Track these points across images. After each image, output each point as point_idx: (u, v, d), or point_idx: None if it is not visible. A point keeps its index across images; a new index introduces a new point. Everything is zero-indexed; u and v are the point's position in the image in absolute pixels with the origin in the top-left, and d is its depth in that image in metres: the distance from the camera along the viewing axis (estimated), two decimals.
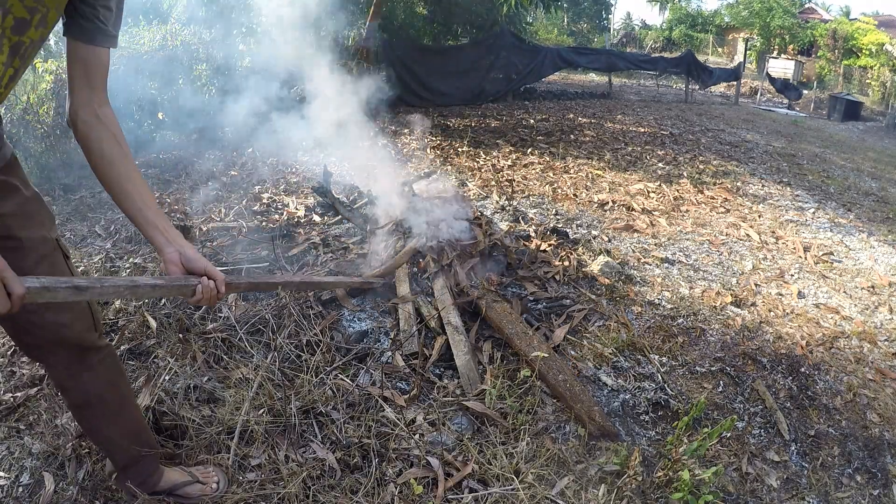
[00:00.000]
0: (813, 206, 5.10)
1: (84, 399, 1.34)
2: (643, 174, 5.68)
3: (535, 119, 8.88)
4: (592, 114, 10.08)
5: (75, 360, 1.29)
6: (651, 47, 29.92)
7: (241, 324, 2.29)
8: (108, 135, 1.13)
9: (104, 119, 1.13)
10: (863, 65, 21.07)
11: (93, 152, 1.13)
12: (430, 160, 5.72)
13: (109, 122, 1.14)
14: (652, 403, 2.15)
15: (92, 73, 1.12)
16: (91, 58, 1.11)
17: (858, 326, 2.89)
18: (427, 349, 2.32)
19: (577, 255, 3.35)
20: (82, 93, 1.12)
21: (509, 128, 7.93)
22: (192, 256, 1.18)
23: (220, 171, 4.90)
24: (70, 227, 3.51)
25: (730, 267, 3.51)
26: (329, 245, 3.23)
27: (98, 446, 1.59)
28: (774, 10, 25.03)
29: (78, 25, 1.08)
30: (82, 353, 1.30)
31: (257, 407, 1.88)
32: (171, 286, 1.14)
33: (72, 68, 1.11)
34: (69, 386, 1.32)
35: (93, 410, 1.37)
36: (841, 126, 13.26)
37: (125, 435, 1.45)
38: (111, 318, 2.42)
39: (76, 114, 1.12)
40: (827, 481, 1.89)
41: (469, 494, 1.64)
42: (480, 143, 6.75)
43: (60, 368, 1.30)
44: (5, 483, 1.63)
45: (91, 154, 1.13)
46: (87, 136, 1.12)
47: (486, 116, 8.90)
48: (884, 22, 24.81)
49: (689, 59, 13.85)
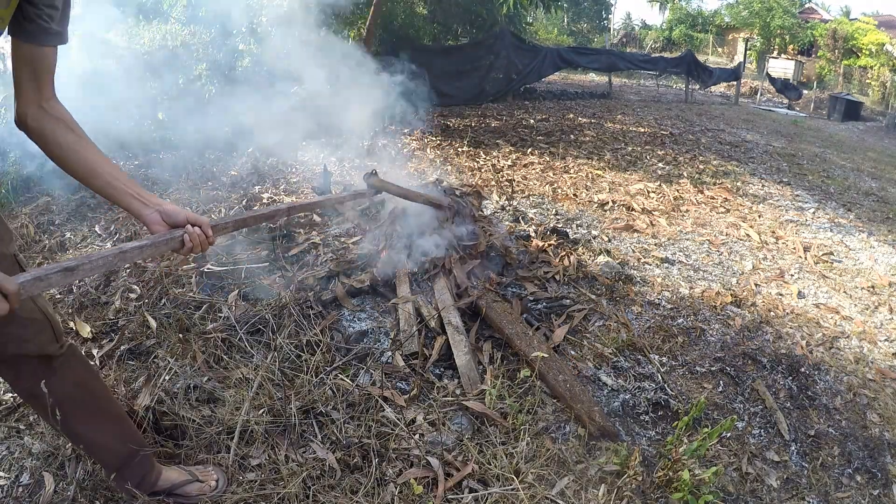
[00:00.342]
0: (813, 206, 5.10)
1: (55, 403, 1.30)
2: (643, 174, 5.68)
3: (535, 119, 8.87)
4: (592, 114, 10.08)
5: (39, 368, 1.27)
6: (651, 47, 29.92)
7: (241, 324, 2.29)
8: (61, 124, 1.13)
9: (53, 111, 1.13)
10: (863, 65, 21.06)
11: (50, 143, 1.12)
12: (430, 160, 5.72)
13: (59, 112, 1.14)
14: (652, 403, 2.15)
15: (38, 71, 1.10)
16: (37, 57, 1.09)
17: (858, 326, 2.89)
18: (427, 349, 2.32)
19: (577, 255, 3.35)
20: (28, 92, 1.10)
21: (509, 128, 7.92)
22: (172, 210, 1.18)
23: (220, 170, 4.90)
24: (70, 227, 3.51)
25: (730, 267, 3.51)
26: (329, 245, 3.23)
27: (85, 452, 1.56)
28: (774, 10, 25.03)
29: (21, 25, 1.06)
30: (46, 361, 1.28)
31: (257, 407, 1.88)
32: (158, 243, 1.14)
33: (17, 68, 1.09)
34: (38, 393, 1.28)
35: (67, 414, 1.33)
36: (841, 126, 13.26)
37: (107, 435, 1.42)
38: (111, 318, 2.42)
39: (24, 113, 1.11)
40: (827, 481, 1.89)
41: (469, 494, 1.64)
42: (480, 143, 6.75)
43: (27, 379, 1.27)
44: (5, 483, 1.63)
45: (49, 146, 1.13)
46: (40, 131, 1.11)
47: (486, 116, 8.90)
48: (884, 22, 24.81)
49: (689, 59, 13.84)
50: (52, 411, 1.31)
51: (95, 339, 2.30)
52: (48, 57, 1.11)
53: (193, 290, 2.66)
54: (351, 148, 5.25)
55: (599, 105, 11.57)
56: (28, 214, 3.61)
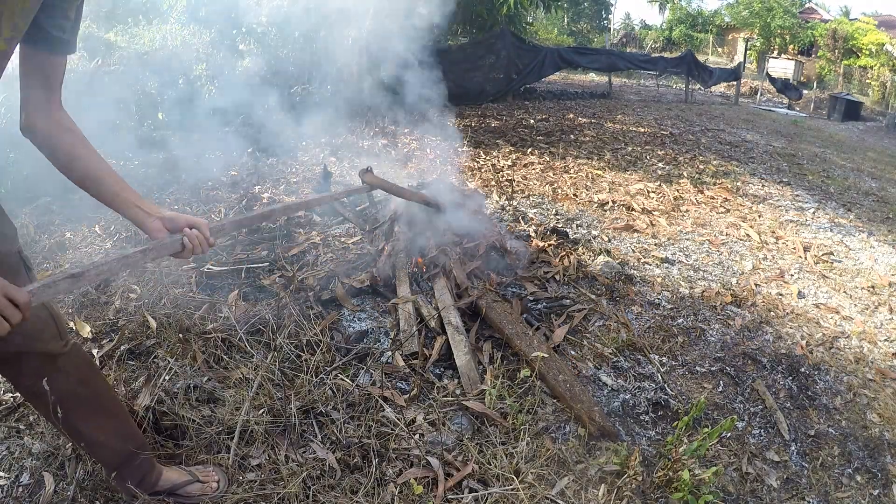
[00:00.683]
0: (813, 206, 5.10)
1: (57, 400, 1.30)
2: (643, 174, 5.68)
3: (535, 119, 8.88)
4: (592, 114, 10.08)
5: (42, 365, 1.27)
6: (651, 47, 29.92)
7: (241, 324, 2.29)
8: (69, 134, 1.14)
9: (61, 120, 1.14)
10: (863, 65, 21.06)
11: (57, 152, 1.13)
12: (431, 160, 5.72)
13: (67, 121, 1.15)
14: (652, 403, 2.15)
15: (50, 80, 1.11)
16: (48, 65, 1.10)
17: (858, 326, 2.89)
18: (427, 349, 2.32)
19: (577, 255, 3.35)
20: (38, 100, 1.11)
21: (509, 128, 7.92)
22: (172, 216, 1.22)
23: (220, 170, 4.90)
24: (70, 227, 3.51)
25: (730, 267, 3.51)
26: (329, 245, 3.23)
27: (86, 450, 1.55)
28: (774, 10, 25.03)
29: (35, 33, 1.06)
30: (49, 359, 1.28)
31: (257, 407, 1.88)
32: (160, 247, 1.19)
33: (27, 75, 1.10)
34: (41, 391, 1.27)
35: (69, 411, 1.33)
36: (841, 126, 13.26)
37: (109, 434, 1.42)
38: (111, 318, 2.42)
39: (33, 121, 1.11)
40: (827, 481, 1.89)
41: (469, 494, 1.64)
42: (480, 143, 6.75)
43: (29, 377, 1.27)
44: (5, 483, 1.63)
45: (56, 154, 1.14)
46: (48, 139, 1.13)
47: (486, 116, 8.90)
48: (884, 22, 24.80)
49: (689, 59, 13.85)
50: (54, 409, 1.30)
51: (95, 339, 2.30)
52: (60, 66, 1.12)
53: (193, 290, 2.66)
54: (351, 148, 5.25)
55: (599, 105, 11.57)
56: (28, 214, 3.61)
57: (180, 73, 5.42)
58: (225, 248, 3.14)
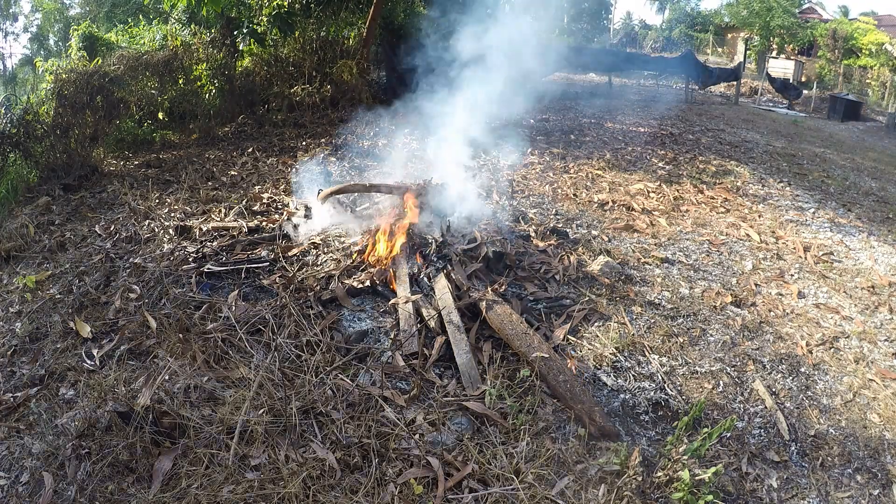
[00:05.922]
0: (813, 205, 5.10)
1: None
2: (643, 174, 5.68)
3: (535, 119, 8.87)
4: (592, 114, 10.07)
5: None
6: (651, 47, 29.91)
7: (241, 324, 2.29)
8: None
9: None
10: (863, 65, 21.06)
11: None
12: (431, 160, 5.71)
13: None
14: (652, 403, 2.15)
15: None
16: None
17: (858, 326, 2.88)
18: (427, 349, 2.32)
19: (577, 255, 3.35)
20: None
21: (509, 128, 7.91)
22: None
23: (220, 170, 4.90)
24: (70, 227, 3.51)
25: (730, 267, 3.51)
26: (329, 245, 3.23)
27: None
28: (774, 9, 25.01)
29: None
30: None
31: (257, 407, 1.88)
32: None
33: None
34: None
35: None
36: (841, 126, 13.26)
37: None
38: (111, 318, 2.42)
39: None
40: (827, 481, 1.89)
41: (469, 494, 1.63)
42: (480, 142, 6.74)
43: None
44: (5, 483, 1.63)
45: None
46: None
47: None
48: (884, 22, 24.81)
49: (690, 59, 13.84)
50: None
51: (95, 339, 2.30)
52: None
53: (193, 290, 2.66)
54: (350, 148, 5.25)
55: (599, 105, 11.56)
56: (28, 214, 3.61)
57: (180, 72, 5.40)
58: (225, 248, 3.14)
